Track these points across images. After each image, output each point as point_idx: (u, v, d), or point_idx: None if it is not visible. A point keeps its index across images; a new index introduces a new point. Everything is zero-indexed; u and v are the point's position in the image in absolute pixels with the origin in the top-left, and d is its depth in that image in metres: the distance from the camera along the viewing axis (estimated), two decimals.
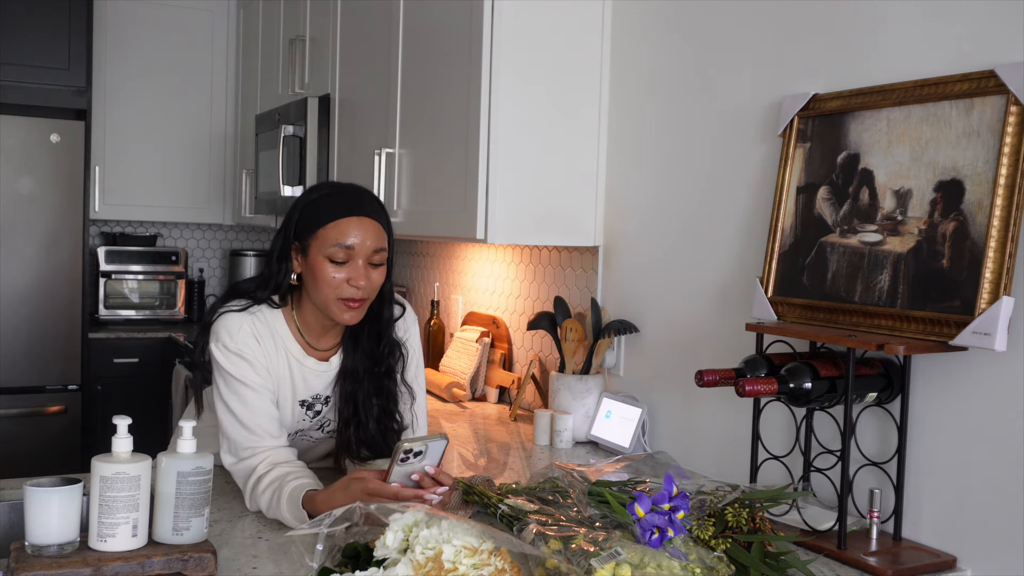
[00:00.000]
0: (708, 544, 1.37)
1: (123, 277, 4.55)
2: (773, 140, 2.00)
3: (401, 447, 1.52)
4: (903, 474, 1.67)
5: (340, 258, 1.73)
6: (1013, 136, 1.52)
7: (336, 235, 1.72)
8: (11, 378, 3.96)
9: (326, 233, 1.73)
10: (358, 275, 1.73)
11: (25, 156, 3.94)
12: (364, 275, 1.73)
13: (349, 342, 1.86)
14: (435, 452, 1.56)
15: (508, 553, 1.26)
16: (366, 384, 1.84)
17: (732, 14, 2.13)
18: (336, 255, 1.72)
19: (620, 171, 2.49)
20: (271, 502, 1.67)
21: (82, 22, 4.05)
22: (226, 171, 4.72)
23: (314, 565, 1.31)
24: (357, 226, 1.73)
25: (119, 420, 1.38)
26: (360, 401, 1.83)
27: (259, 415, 1.75)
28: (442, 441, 1.56)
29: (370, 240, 1.74)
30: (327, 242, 1.72)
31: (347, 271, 1.73)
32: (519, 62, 2.40)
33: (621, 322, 2.41)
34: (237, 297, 1.82)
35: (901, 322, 1.65)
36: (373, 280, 1.75)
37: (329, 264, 1.73)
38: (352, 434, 1.84)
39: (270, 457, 1.74)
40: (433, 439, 1.55)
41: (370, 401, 1.84)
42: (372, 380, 1.85)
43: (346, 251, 1.72)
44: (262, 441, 1.75)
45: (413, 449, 1.53)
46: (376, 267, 1.76)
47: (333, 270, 1.73)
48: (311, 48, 3.63)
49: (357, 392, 1.84)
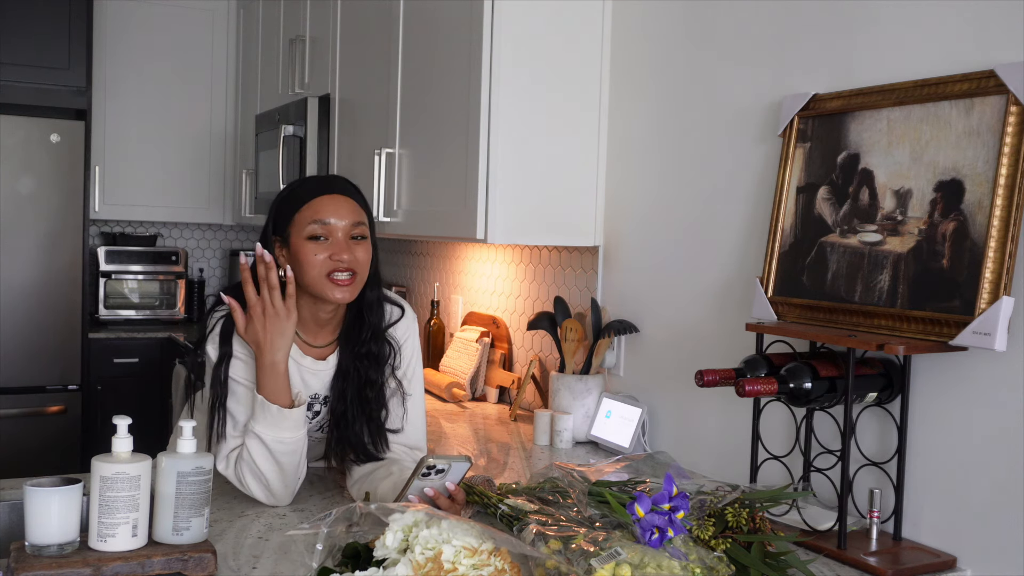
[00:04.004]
0: (708, 544, 1.37)
1: (123, 277, 4.55)
2: (773, 140, 2.00)
3: (425, 461, 1.53)
4: (903, 474, 1.67)
5: (319, 233, 1.73)
6: (1013, 136, 1.52)
7: (311, 214, 1.74)
8: (11, 378, 3.96)
9: (301, 216, 1.75)
10: (340, 249, 1.74)
11: (25, 156, 3.94)
12: (346, 248, 1.74)
13: (343, 340, 1.86)
14: (457, 472, 1.58)
15: (508, 553, 1.26)
16: (355, 379, 1.84)
17: (732, 14, 2.13)
18: (315, 231, 1.73)
19: (620, 171, 2.49)
20: (249, 450, 1.70)
21: (82, 22, 4.05)
22: (226, 171, 4.72)
23: (314, 565, 1.31)
24: (330, 202, 1.75)
25: (119, 420, 1.38)
26: (349, 399, 1.83)
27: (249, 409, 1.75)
28: (466, 463, 1.58)
29: (346, 214, 1.75)
30: (304, 223, 1.74)
31: (329, 248, 1.74)
32: (519, 62, 2.40)
33: (621, 322, 2.41)
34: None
35: (901, 322, 1.65)
36: (357, 255, 1.76)
37: (310, 244, 1.74)
38: (340, 434, 1.84)
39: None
40: (458, 459, 1.57)
41: (358, 396, 1.83)
42: (360, 374, 1.84)
43: (323, 227, 1.74)
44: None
45: (436, 465, 1.54)
46: (358, 242, 1.76)
47: (314, 249, 1.74)
48: (311, 48, 3.63)
49: (347, 389, 1.84)
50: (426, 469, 1.53)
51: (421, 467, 1.53)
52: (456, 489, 1.58)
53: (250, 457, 1.71)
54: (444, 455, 1.58)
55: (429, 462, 1.53)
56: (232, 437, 1.75)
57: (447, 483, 1.58)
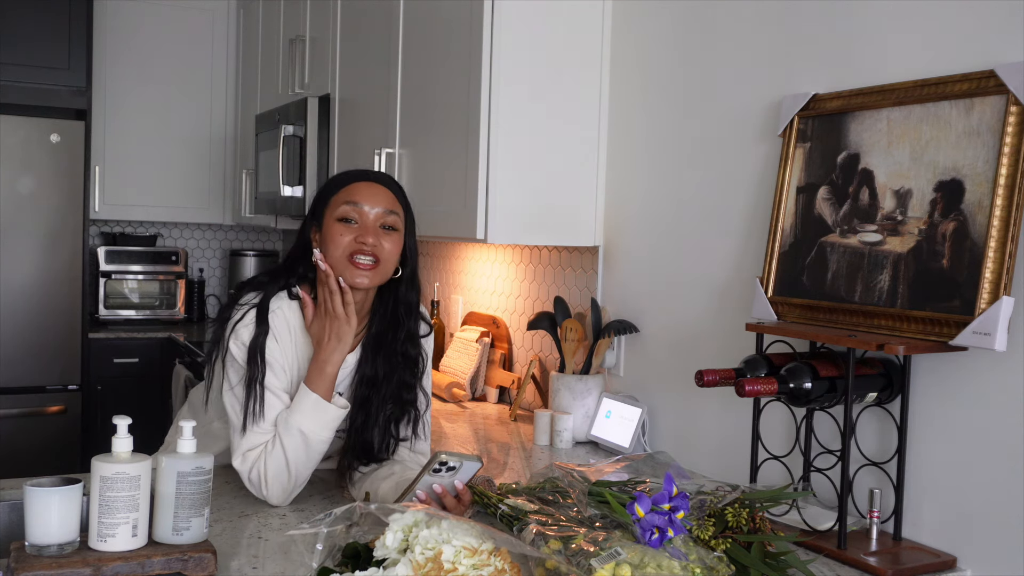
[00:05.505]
0: (708, 544, 1.37)
1: (123, 277, 4.55)
2: (773, 140, 2.00)
3: (438, 457, 1.53)
4: (903, 474, 1.67)
5: (350, 215, 1.77)
6: (1013, 136, 1.52)
7: (345, 196, 1.79)
8: (11, 378, 3.96)
9: (337, 198, 1.79)
10: (366, 232, 1.76)
11: (25, 156, 3.95)
12: (373, 233, 1.76)
13: (370, 345, 1.84)
14: (467, 471, 1.59)
15: (508, 553, 1.26)
16: (384, 388, 1.82)
17: (732, 14, 2.13)
18: (346, 213, 1.77)
19: (620, 171, 2.49)
20: (284, 436, 1.72)
21: (82, 22, 4.05)
22: (226, 171, 4.72)
23: (314, 565, 1.31)
24: (366, 188, 1.80)
25: (119, 420, 1.38)
26: (373, 407, 1.82)
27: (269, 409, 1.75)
28: (477, 463, 1.59)
29: (380, 202, 1.78)
30: (337, 204, 1.78)
31: (356, 231, 1.76)
32: (519, 62, 2.40)
33: (621, 322, 2.41)
34: (254, 290, 1.81)
35: (901, 322, 1.65)
36: (383, 243, 1.77)
37: (339, 225, 1.77)
38: (356, 440, 1.83)
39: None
40: (470, 459, 1.58)
41: (384, 406, 1.82)
42: (391, 383, 1.83)
43: (355, 208, 1.77)
44: (268, 436, 1.74)
45: (448, 463, 1.55)
46: (387, 232, 1.78)
47: (342, 230, 1.76)
48: (311, 48, 3.63)
49: (372, 397, 1.82)
50: (438, 465, 1.54)
51: (433, 462, 1.54)
52: (464, 489, 1.59)
53: (282, 447, 1.71)
54: (457, 453, 1.59)
55: (442, 458, 1.53)
56: (254, 433, 1.74)
57: (456, 481, 1.58)
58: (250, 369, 1.74)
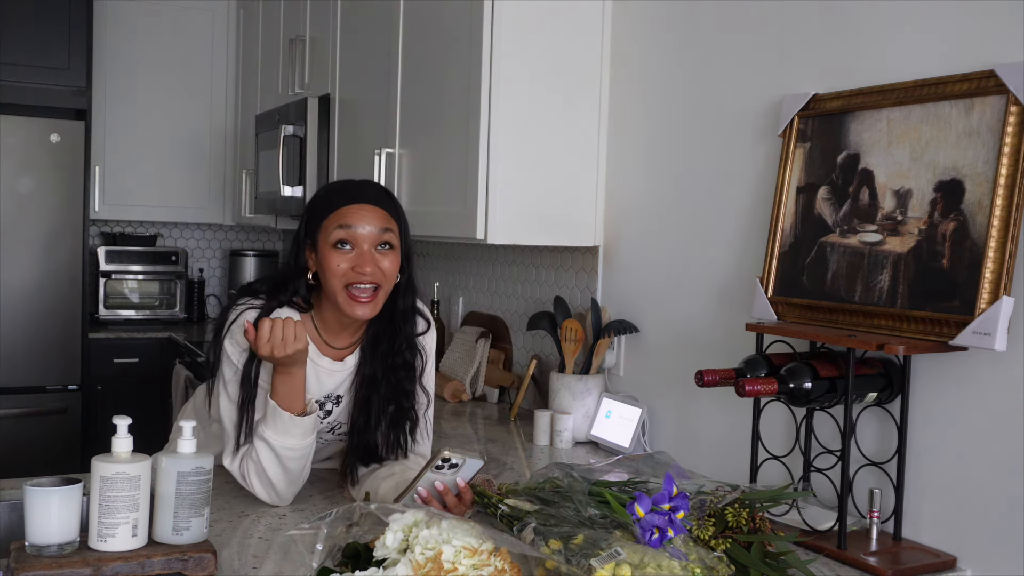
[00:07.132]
0: (708, 544, 1.37)
1: (123, 277, 4.55)
2: (773, 140, 2.00)
3: (441, 454, 1.53)
4: (903, 474, 1.67)
5: (344, 239, 1.72)
6: (1013, 136, 1.52)
7: (337, 220, 1.73)
8: (11, 378, 3.96)
9: (329, 222, 1.74)
10: (363, 261, 1.72)
11: (25, 156, 3.94)
12: (370, 260, 1.72)
13: (368, 347, 1.84)
14: (469, 470, 1.58)
15: (508, 553, 1.26)
16: (383, 389, 1.82)
17: (732, 14, 2.13)
18: (340, 237, 1.72)
19: (620, 171, 2.49)
20: (257, 452, 1.70)
21: (82, 22, 4.05)
22: (226, 171, 4.72)
23: (314, 565, 1.31)
24: (357, 211, 1.74)
25: (119, 420, 1.38)
26: (374, 409, 1.81)
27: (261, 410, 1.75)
28: (479, 462, 1.59)
29: (373, 223, 1.74)
30: (330, 229, 1.73)
31: (352, 258, 1.72)
32: (519, 62, 2.40)
33: (621, 322, 2.41)
34: (250, 296, 1.80)
35: (901, 322, 1.65)
36: (383, 266, 1.74)
37: (334, 252, 1.73)
38: (358, 441, 1.83)
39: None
40: (473, 457, 1.57)
41: (385, 407, 1.82)
42: (390, 385, 1.82)
43: (348, 233, 1.72)
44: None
45: (451, 460, 1.54)
46: (384, 252, 1.75)
47: (338, 258, 1.72)
48: (311, 48, 3.63)
49: (372, 398, 1.82)
50: (440, 462, 1.54)
51: (436, 459, 1.54)
52: (465, 487, 1.58)
53: (257, 459, 1.71)
54: (460, 451, 1.59)
55: (444, 455, 1.53)
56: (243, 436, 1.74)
57: (458, 479, 1.58)
58: (242, 390, 1.75)
